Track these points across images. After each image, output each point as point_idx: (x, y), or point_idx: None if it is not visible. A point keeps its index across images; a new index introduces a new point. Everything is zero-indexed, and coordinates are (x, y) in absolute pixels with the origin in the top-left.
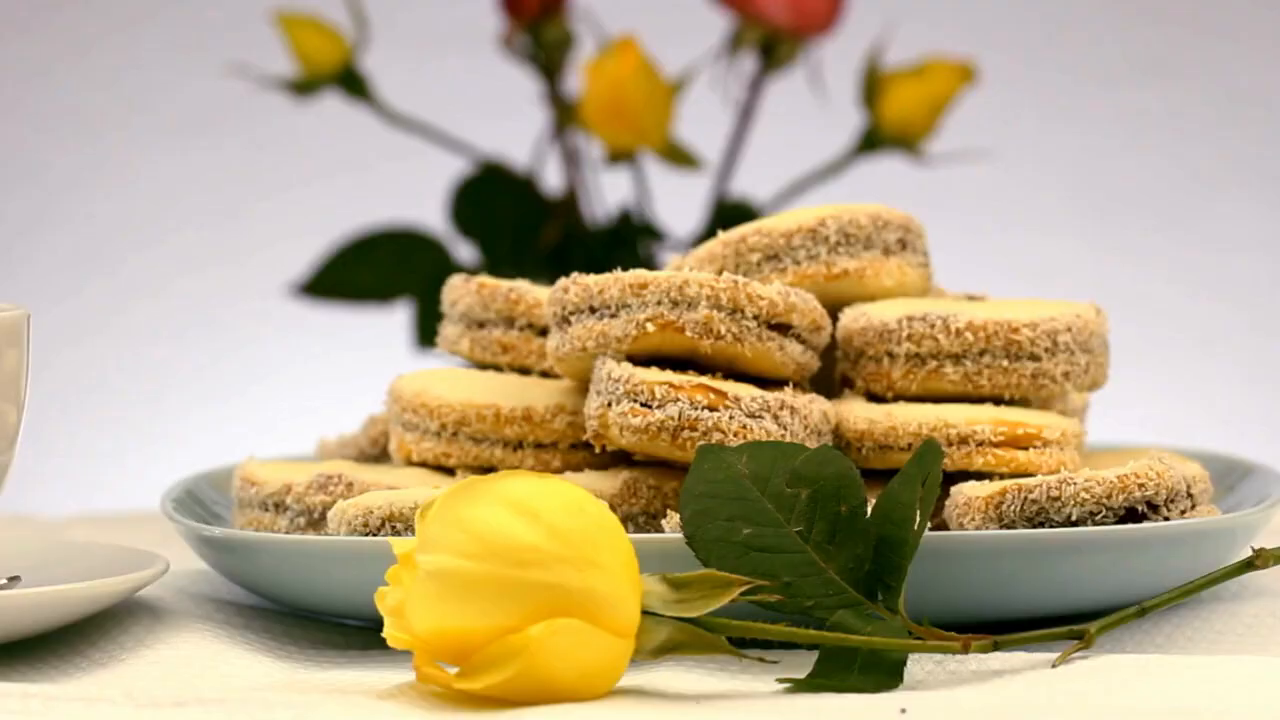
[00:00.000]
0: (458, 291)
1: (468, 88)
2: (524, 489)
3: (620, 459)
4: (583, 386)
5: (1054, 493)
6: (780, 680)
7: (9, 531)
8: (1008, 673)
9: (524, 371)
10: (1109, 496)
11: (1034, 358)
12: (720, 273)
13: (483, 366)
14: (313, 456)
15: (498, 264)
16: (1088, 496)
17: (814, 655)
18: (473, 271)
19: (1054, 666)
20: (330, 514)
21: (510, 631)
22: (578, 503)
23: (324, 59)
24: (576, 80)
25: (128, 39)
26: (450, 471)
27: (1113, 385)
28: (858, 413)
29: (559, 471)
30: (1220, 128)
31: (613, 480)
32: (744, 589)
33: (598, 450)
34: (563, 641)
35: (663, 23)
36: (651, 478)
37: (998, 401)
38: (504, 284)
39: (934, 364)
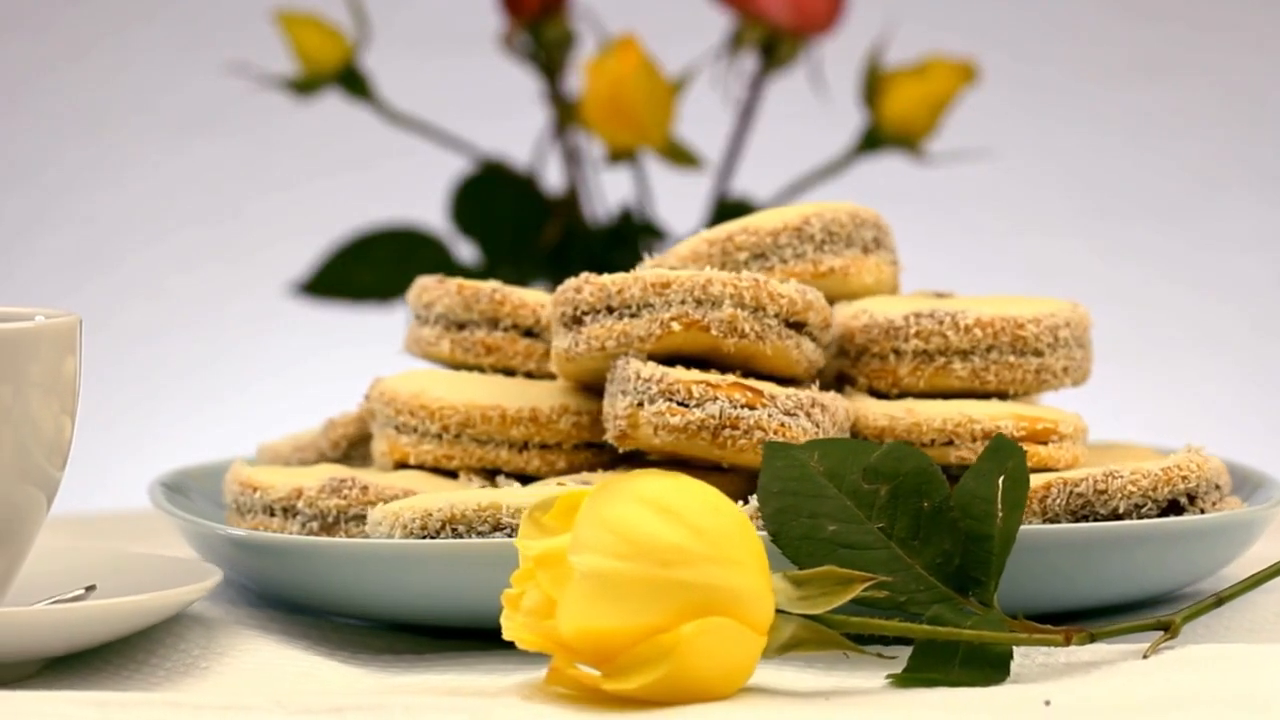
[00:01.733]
0: (433, 293)
1: (468, 87)
2: (660, 489)
3: (622, 460)
4: (580, 387)
5: (1100, 486)
6: (889, 676)
7: (51, 540)
8: (1103, 663)
9: (508, 372)
10: (1154, 489)
11: (1038, 353)
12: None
13: (463, 368)
14: (254, 460)
15: (498, 263)
16: (1134, 489)
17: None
18: (469, 272)
19: (1145, 657)
20: (375, 517)
21: (659, 631)
22: (712, 502)
23: (324, 58)
24: (577, 79)
25: (128, 39)
26: (452, 474)
27: (1113, 385)
28: (876, 409)
29: (564, 473)
30: (1220, 127)
31: None
32: (866, 585)
33: (621, 451)
34: (711, 640)
35: (663, 22)
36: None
37: (1001, 397)
38: (486, 285)
39: (942, 360)
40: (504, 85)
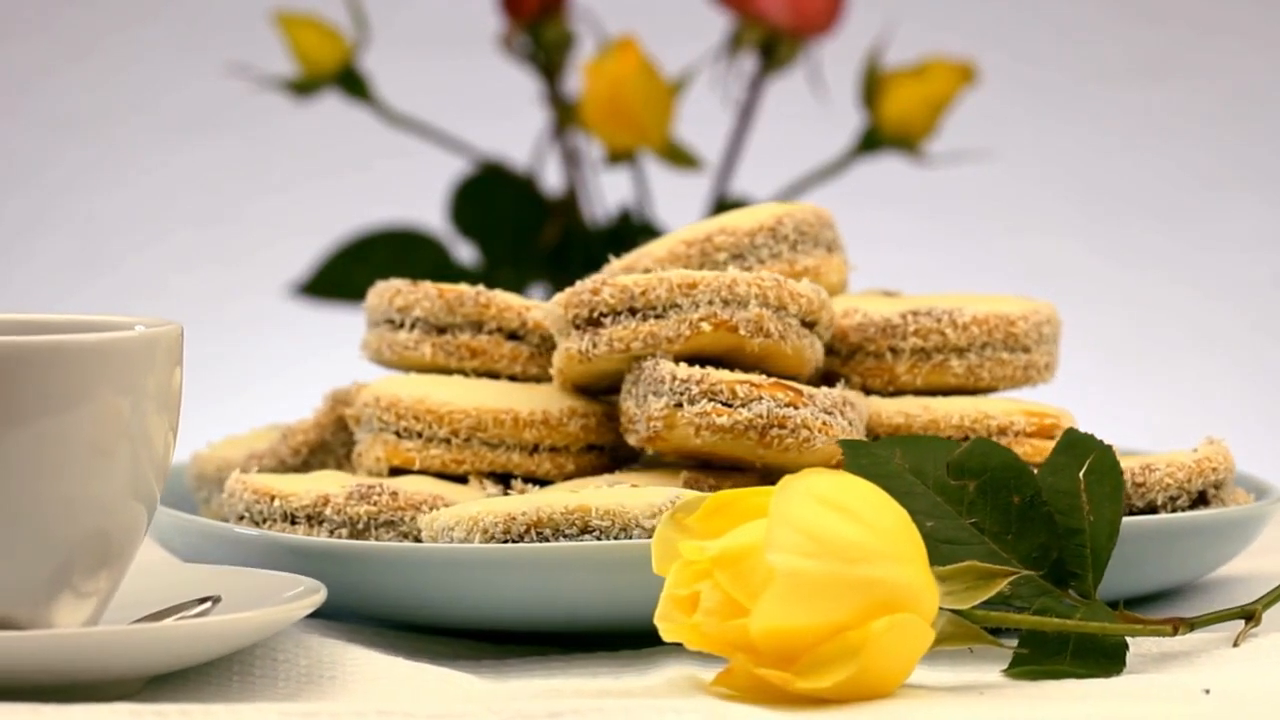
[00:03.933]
0: (409, 297)
1: (468, 88)
2: (832, 487)
3: (627, 463)
4: (572, 389)
5: (1139, 479)
6: (1005, 670)
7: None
8: (1198, 652)
9: (492, 376)
10: (1189, 481)
11: (1025, 349)
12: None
13: (443, 372)
14: (189, 468)
15: (497, 264)
16: (1171, 481)
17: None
18: (467, 274)
19: (1235, 645)
20: (445, 521)
21: (844, 629)
22: (878, 499)
23: (324, 59)
24: (576, 80)
25: (128, 39)
26: (459, 478)
27: (1113, 385)
28: (890, 407)
29: (572, 475)
30: (1220, 127)
31: (673, 480)
32: (1009, 579)
33: (650, 453)
34: (895, 636)
35: (663, 23)
36: (711, 477)
37: (988, 393)
38: (468, 288)
39: (939, 358)
40: (503, 86)
